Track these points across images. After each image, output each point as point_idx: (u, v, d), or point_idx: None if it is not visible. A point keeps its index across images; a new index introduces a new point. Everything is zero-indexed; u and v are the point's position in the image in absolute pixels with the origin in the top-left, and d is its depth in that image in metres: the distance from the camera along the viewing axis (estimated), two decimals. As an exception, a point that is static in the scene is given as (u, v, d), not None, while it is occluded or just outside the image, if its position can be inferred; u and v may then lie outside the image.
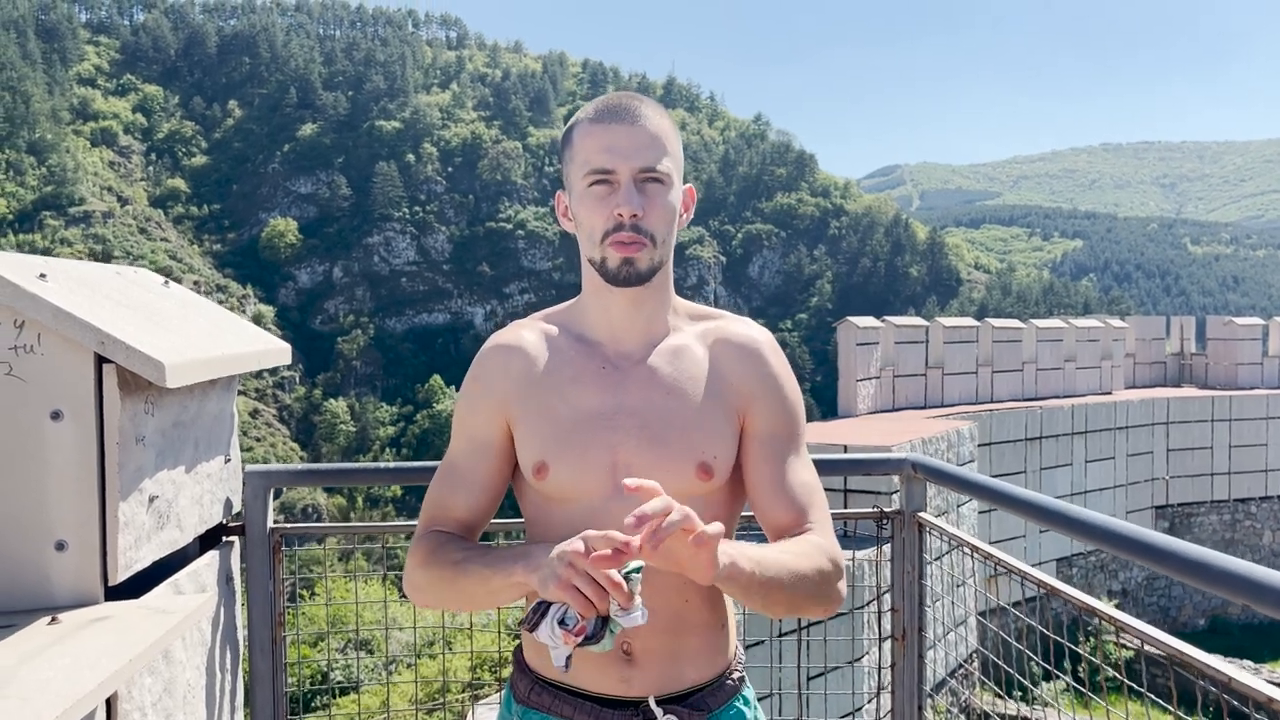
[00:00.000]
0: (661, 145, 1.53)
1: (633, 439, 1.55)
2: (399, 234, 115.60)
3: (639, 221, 1.51)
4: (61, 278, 1.76)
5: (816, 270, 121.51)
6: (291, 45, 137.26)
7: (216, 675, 2.16)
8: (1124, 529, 1.82)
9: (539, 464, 1.57)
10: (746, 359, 1.63)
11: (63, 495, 1.66)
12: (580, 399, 1.58)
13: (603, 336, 1.63)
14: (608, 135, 1.52)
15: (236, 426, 2.34)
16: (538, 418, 1.59)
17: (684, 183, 1.61)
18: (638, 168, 1.51)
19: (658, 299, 1.62)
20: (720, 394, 1.60)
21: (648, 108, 1.56)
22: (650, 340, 1.62)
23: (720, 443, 1.57)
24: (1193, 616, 19.60)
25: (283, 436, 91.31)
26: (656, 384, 1.59)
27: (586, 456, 1.55)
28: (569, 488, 1.56)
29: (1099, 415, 17.78)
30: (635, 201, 1.50)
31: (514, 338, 1.67)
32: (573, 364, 1.62)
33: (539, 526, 1.63)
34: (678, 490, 1.52)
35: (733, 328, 1.66)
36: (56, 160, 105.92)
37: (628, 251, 1.52)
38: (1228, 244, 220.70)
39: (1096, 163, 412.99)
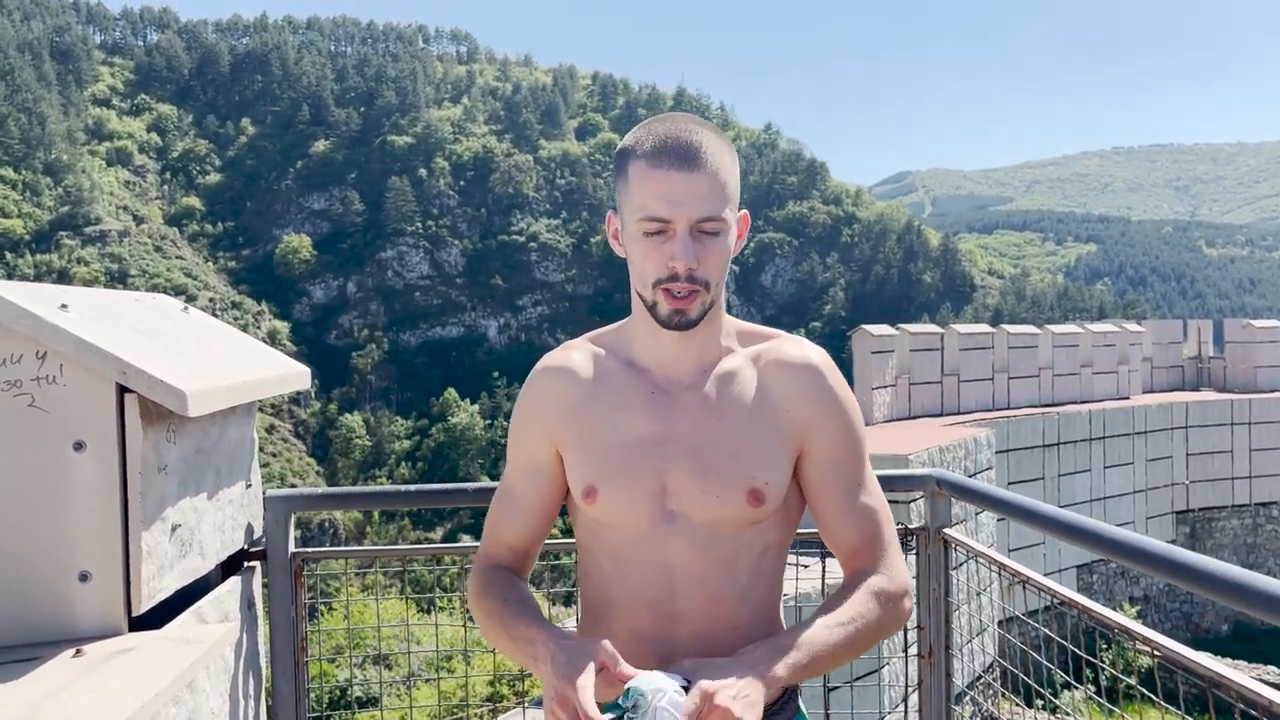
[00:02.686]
0: (720, 191, 1.48)
1: (682, 465, 1.53)
2: (412, 248, 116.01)
3: (694, 272, 1.47)
4: (83, 308, 1.76)
5: (829, 278, 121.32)
6: (303, 62, 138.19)
7: (240, 701, 2.15)
8: (1163, 551, 1.79)
9: (588, 488, 1.56)
10: (800, 381, 1.58)
11: (86, 526, 1.66)
12: (629, 425, 1.57)
13: (651, 363, 1.60)
14: (666, 183, 1.46)
15: (256, 451, 2.34)
16: (586, 442, 1.58)
17: (741, 207, 1.57)
18: (695, 218, 1.46)
19: (709, 330, 1.58)
20: (772, 419, 1.56)
21: (708, 144, 1.48)
22: (700, 366, 1.59)
23: (771, 469, 1.54)
24: (1215, 623, 19.41)
25: (299, 452, 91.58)
26: (706, 410, 1.56)
27: (635, 483, 1.54)
28: (617, 513, 1.55)
29: (1117, 420, 17.66)
30: (690, 255, 1.46)
31: (563, 360, 1.66)
32: (621, 389, 1.60)
33: (589, 551, 1.63)
34: (727, 518, 1.52)
35: (785, 349, 1.61)
36: (72, 180, 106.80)
37: (680, 303, 1.49)
38: (1243, 246, 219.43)
39: (1109, 166, 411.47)
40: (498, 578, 1.63)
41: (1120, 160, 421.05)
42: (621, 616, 1.57)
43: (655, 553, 1.54)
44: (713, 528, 1.53)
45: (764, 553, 1.57)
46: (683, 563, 1.53)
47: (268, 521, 2.40)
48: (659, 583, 1.54)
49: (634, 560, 1.55)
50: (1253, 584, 1.56)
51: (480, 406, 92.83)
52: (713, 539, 1.53)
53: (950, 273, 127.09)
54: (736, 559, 1.54)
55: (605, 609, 1.59)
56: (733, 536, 1.54)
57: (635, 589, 1.55)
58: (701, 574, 1.53)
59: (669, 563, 1.53)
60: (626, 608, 1.56)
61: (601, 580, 1.60)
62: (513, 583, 1.62)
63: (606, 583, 1.59)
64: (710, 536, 1.53)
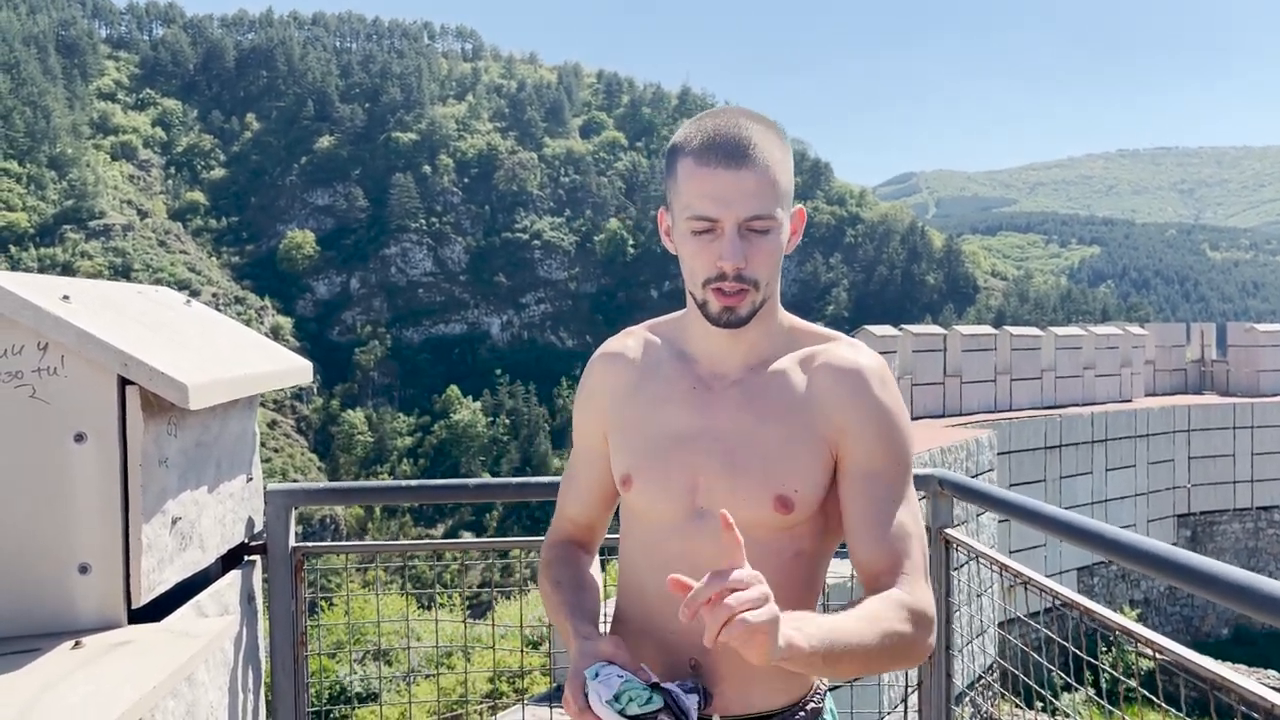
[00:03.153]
0: (770, 187, 1.45)
1: (714, 463, 1.52)
2: (415, 245, 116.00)
3: (742, 271, 1.46)
4: (85, 299, 1.75)
5: (833, 278, 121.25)
6: (308, 58, 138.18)
7: (239, 695, 2.15)
8: (1166, 553, 1.79)
9: (625, 476, 1.60)
10: (845, 387, 1.53)
11: (86, 518, 1.66)
12: (668, 417, 1.57)
13: (700, 355, 1.60)
14: (713, 182, 1.43)
15: (258, 445, 2.34)
16: (629, 430, 1.61)
17: (796, 203, 1.54)
18: (743, 217, 1.44)
19: (760, 326, 1.55)
20: (812, 424, 1.52)
21: (757, 140, 1.45)
22: (748, 363, 1.57)
23: (804, 476, 1.50)
24: (1216, 626, 19.39)
25: (300, 448, 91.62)
26: (745, 408, 1.54)
27: (669, 476, 1.55)
28: (649, 504, 1.57)
29: (1119, 423, 17.63)
30: (739, 254, 1.44)
31: (618, 346, 1.69)
32: (668, 379, 1.60)
33: (626, 537, 1.67)
34: (754, 520, 1.49)
35: (838, 352, 1.56)
36: (77, 174, 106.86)
37: (729, 301, 1.48)
38: (1247, 249, 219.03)
39: (1113, 169, 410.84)
40: (558, 555, 1.72)
41: (1125, 163, 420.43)
42: (651, 607, 1.57)
43: (683, 547, 1.54)
44: (741, 526, 1.46)
45: (795, 558, 1.54)
46: (709, 559, 1.46)
47: (269, 515, 2.40)
48: (686, 574, 1.48)
49: (663, 552, 1.55)
50: (1256, 586, 1.56)
51: (482, 404, 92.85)
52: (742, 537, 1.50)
53: (953, 274, 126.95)
54: (764, 562, 1.47)
55: (637, 598, 1.61)
56: (761, 540, 1.49)
57: (660, 582, 1.50)
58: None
59: (696, 558, 1.50)
60: (656, 600, 1.55)
61: (634, 569, 1.62)
62: (569, 561, 1.71)
63: (639, 572, 1.61)
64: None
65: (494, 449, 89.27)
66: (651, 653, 1.56)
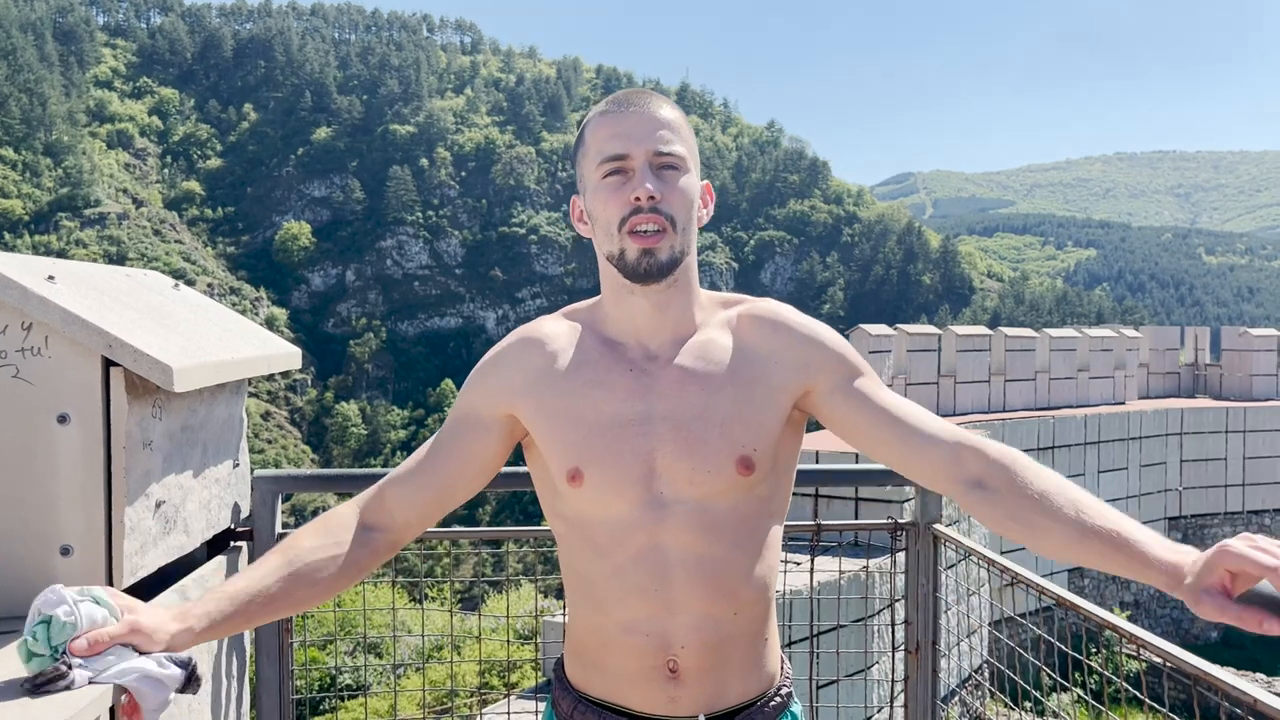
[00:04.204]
0: (676, 132, 1.49)
1: (668, 444, 1.47)
2: (412, 238, 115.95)
3: (657, 204, 1.44)
4: (70, 280, 1.74)
5: (829, 277, 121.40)
6: (307, 49, 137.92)
7: (223, 682, 2.14)
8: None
9: (573, 470, 1.49)
10: (778, 332, 1.55)
11: (69, 500, 1.64)
12: (610, 404, 1.50)
13: (628, 339, 1.54)
14: (620, 123, 1.47)
15: (245, 430, 2.32)
16: (566, 421, 1.51)
17: (703, 178, 1.56)
18: (652, 150, 1.46)
19: (683, 296, 1.53)
20: (758, 378, 1.52)
21: (658, 98, 1.52)
22: (677, 337, 1.53)
23: (760, 433, 1.49)
24: (1205, 629, 19.44)
25: (294, 439, 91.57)
26: (688, 382, 1.50)
27: (621, 464, 1.47)
28: (604, 499, 1.48)
29: (1112, 425, 17.67)
30: (652, 182, 1.44)
31: (535, 331, 1.61)
32: (598, 365, 1.54)
33: (572, 545, 1.56)
34: (719, 489, 1.47)
35: (757, 306, 1.59)
36: (72, 162, 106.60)
37: (647, 242, 1.45)
38: (1242, 254, 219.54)
39: (1111, 172, 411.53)
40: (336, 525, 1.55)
41: (1122, 166, 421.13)
42: (614, 610, 1.50)
43: (646, 539, 1.47)
44: (706, 504, 1.47)
45: (759, 526, 1.52)
46: (677, 546, 1.47)
47: (255, 501, 2.38)
48: (652, 571, 1.47)
49: (623, 549, 1.48)
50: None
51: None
52: (707, 517, 1.47)
53: (949, 274, 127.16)
54: (734, 534, 1.49)
55: (596, 604, 1.52)
56: (728, 510, 1.48)
57: (627, 580, 1.48)
58: (698, 556, 1.47)
59: (662, 548, 1.47)
60: (618, 601, 1.49)
61: (588, 574, 1.52)
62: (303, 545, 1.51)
63: (594, 576, 1.51)
64: (704, 515, 1.47)
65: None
66: (624, 660, 1.50)
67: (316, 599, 1.52)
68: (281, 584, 1.46)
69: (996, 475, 1.43)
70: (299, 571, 1.48)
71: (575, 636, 1.58)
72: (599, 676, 1.54)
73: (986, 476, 1.44)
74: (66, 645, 1.29)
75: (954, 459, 1.46)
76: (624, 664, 1.50)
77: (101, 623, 1.33)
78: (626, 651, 1.49)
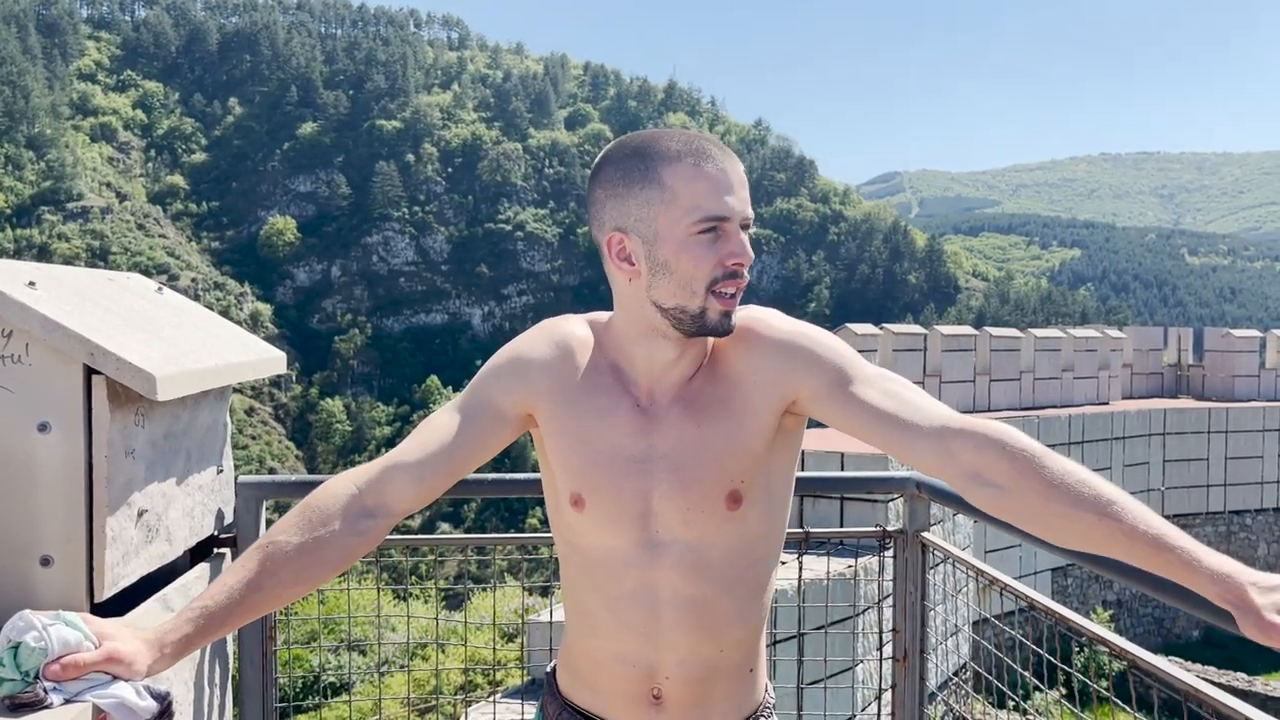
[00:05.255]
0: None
1: (665, 484, 1.48)
2: (398, 234, 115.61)
3: (741, 270, 1.44)
4: (51, 285, 1.72)
5: (815, 276, 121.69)
6: (293, 43, 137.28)
7: (205, 690, 2.12)
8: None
9: (575, 496, 1.50)
10: (749, 345, 1.51)
11: (49, 509, 1.62)
12: (615, 437, 1.50)
13: (640, 376, 1.52)
14: (722, 182, 1.42)
15: (229, 436, 2.30)
16: (572, 442, 1.52)
17: None
18: (745, 215, 1.44)
19: (702, 344, 1.53)
20: (744, 400, 1.50)
21: (731, 154, 1.48)
22: (684, 377, 1.52)
23: (748, 460, 1.48)
24: (1186, 628, 19.58)
25: (278, 435, 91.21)
26: (686, 420, 1.50)
27: (621, 500, 1.48)
28: (601, 530, 1.50)
29: (1096, 425, 17.77)
30: (746, 249, 1.44)
31: (565, 335, 1.57)
32: (609, 394, 1.52)
33: (572, 565, 1.58)
34: (712, 529, 1.48)
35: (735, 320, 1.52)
36: (55, 155, 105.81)
37: (730, 304, 1.44)
38: (1225, 255, 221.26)
39: (1095, 172, 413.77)
40: (293, 529, 1.48)
41: (1107, 166, 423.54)
42: (605, 637, 1.54)
43: (639, 577, 1.50)
44: (698, 546, 1.49)
45: (750, 565, 1.53)
46: (668, 586, 1.50)
47: (239, 508, 2.36)
48: (644, 609, 1.50)
49: (618, 584, 1.51)
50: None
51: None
52: (700, 559, 1.49)
53: (935, 274, 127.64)
54: (725, 577, 1.51)
55: (591, 630, 1.56)
56: (720, 553, 1.49)
57: (620, 615, 1.51)
58: (688, 597, 1.50)
59: (654, 588, 1.49)
60: (610, 630, 1.53)
61: (585, 602, 1.56)
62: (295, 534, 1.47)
63: (590, 606, 1.55)
64: (697, 557, 1.49)
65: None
66: (612, 684, 1.55)
67: (301, 594, 1.50)
68: (261, 591, 1.43)
69: (996, 467, 1.35)
70: (281, 573, 1.44)
71: (569, 652, 1.63)
72: (588, 693, 1.59)
73: (984, 469, 1.36)
74: (41, 669, 1.27)
75: (943, 453, 1.39)
76: (612, 687, 1.55)
77: (75, 645, 1.31)
78: (615, 678, 1.54)
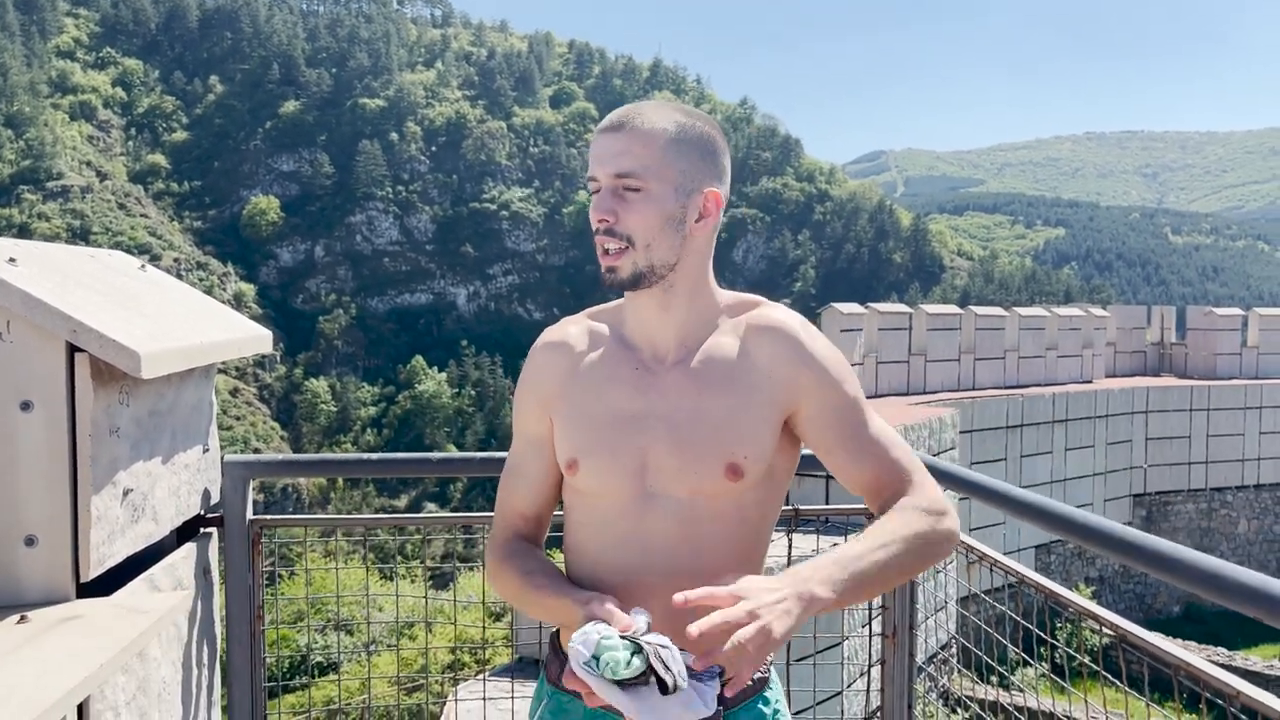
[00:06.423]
0: (643, 151, 1.54)
1: (661, 443, 1.57)
2: (382, 213, 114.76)
3: (612, 226, 1.54)
4: (32, 262, 1.69)
5: (800, 255, 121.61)
6: (274, 21, 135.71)
7: (193, 670, 2.11)
8: (1129, 536, 1.80)
9: (570, 460, 1.61)
10: (777, 344, 1.60)
11: (32, 489, 1.61)
12: (614, 399, 1.61)
13: (639, 339, 1.64)
14: (595, 144, 1.58)
15: (215, 415, 2.28)
16: (573, 414, 1.63)
17: (709, 186, 1.59)
18: (612, 173, 1.54)
19: (685, 302, 1.61)
20: (756, 387, 1.58)
21: (647, 115, 1.57)
22: (684, 341, 1.62)
23: (752, 441, 1.56)
24: (1167, 604, 19.79)
25: (263, 415, 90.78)
26: (688, 385, 1.59)
27: (616, 457, 1.58)
28: (598, 485, 1.60)
29: (1079, 404, 17.87)
30: (605, 208, 1.54)
31: (559, 335, 1.72)
32: (610, 363, 1.64)
33: (571, 522, 1.68)
34: (705, 491, 1.55)
35: (764, 314, 1.64)
36: (34, 134, 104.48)
37: (608, 260, 1.56)
38: (1208, 234, 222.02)
39: (1080, 151, 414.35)
40: (515, 550, 1.67)
41: (1091, 145, 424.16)
42: (595, 584, 1.60)
43: (631, 526, 1.57)
44: (690, 502, 1.56)
45: (743, 528, 1.59)
46: (657, 535, 1.56)
47: (225, 487, 2.35)
48: (633, 556, 1.57)
49: (611, 533, 1.59)
50: (1217, 571, 1.57)
51: (448, 375, 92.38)
52: (690, 514, 1.56)
53: (920, 253, 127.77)
54: (714, 533, 1.57)
55: (585, 578, 1.63)
56: (710, 511, 1.56)
57: (611, 561, 1.59)
58: (675, 548, 1.56)
59: (644, 536, 1.57)
60: (602, 580, 1.59)
61: (582, 553, 1.64)
62: (531, 553, 1.67)
63: (587, 556, 1.63)
64: (688, 511, 1.56)
65: (459, 420, 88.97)
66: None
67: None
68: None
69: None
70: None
71: None
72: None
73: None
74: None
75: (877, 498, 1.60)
76: None
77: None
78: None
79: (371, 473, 2.59)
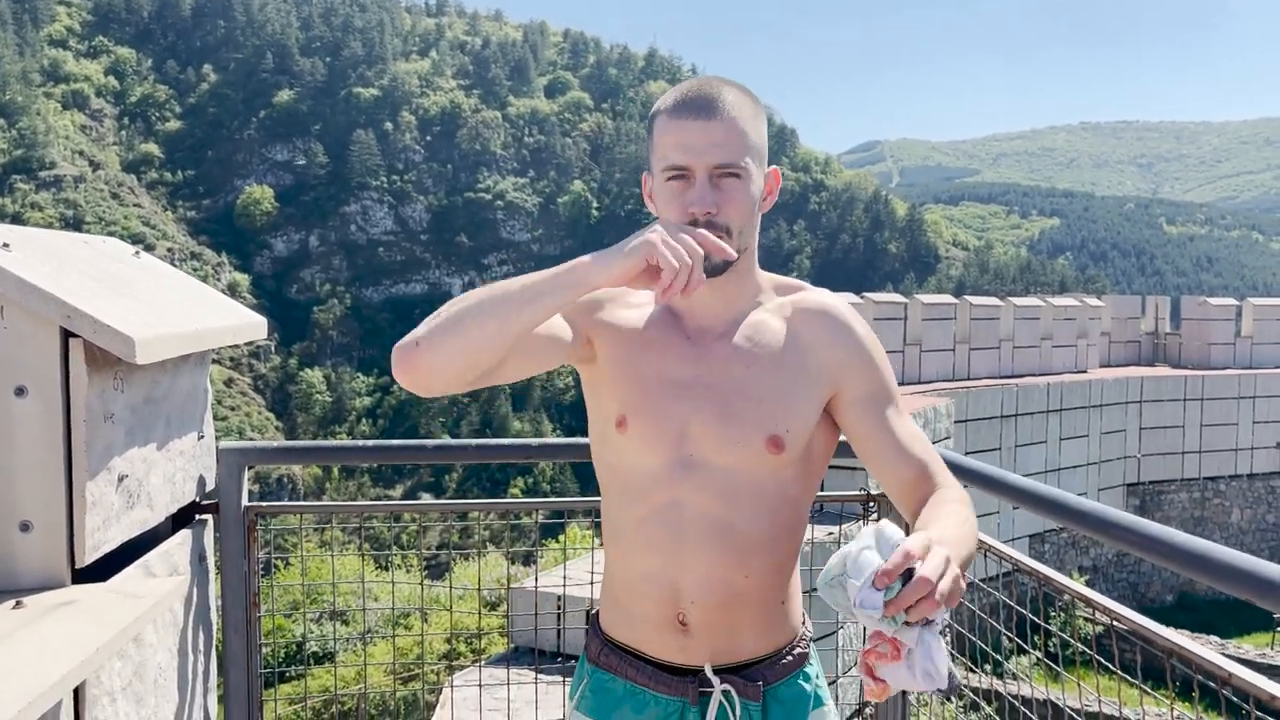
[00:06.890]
0: (739, 138, 1.53)
1: (704, 412, 1.58)
2: (376, 203, 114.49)
3: (713, 218, 1.52)
4: (26, 247, 1.69)
5: (796, 245, 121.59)
6: (267, 9, 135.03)
7: (189, 656, 2.11)
8: (1130, 523, 1.81)
9: (620, 418, 1.61)
10: (826, 327, 1.63)
11: (27, 474, 1.60)
12: (662, 365, 1.62)
13: (686, 312, 1.65)
14: (685, 133, 1.53)
15: (210, 401, 2.28)
16: (623, 368, 1.63)
17: (769, 165, 1.62)
18: (712, 164, 1.52)
19: (738, 280, 1.62)
20: (801, 366, 1.60)
21: (727, 96, 1.54)
22: (730, 317, 1.63)
23: (795, 416, 1.58)
24: (1161, 593, 19.87)
25: (258, 406, 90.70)
26: (734, 358, 1.60)
27: (661, 422, 1.59)
28: (644, 447, 1.60)
29: (1074, 393, 17.90)
30: (708, 200, 1.52)
31: (629, 292, 1.69)
32: (659, 327, 1.65)
33: (610, 494, 1.68)
34: (746, 463, 1.57)
35: (811, 297, 1.67)
36: (27, 123, 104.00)
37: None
38: (1203, 224, 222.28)
39: (1075, 141, 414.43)
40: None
41: (1086, 135, 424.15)
42: (635, 557, 1.62)
43: (668, 495, 1.58)
44: (729, 473, 1.57)
45: (782, 503, 1.61)
46: (694, 504, 1.57)
47: (220, 474, 2.35)
48: (670, 526, 1.58)
49: (648, 501, 1.60)
50: (1209, 553, 1.58)
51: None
52: (728, 484, 1.57)
53: (915, 243, 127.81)
54: (752, 506, 1.58)
55: (623, 550, 1.65)
56: (749, 483, 1.57)
57: (648, 531, 1.60)
58: (711, 517, 1.57)
59: (681, 505, 1.57)
60: (639, 549, 1.61)
61: (618, 520, 1.65)
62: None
63: (622, 523, 1.64)
64: (726, 481, 1.57)
65: (454, 411, 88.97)
66: (641, 606, 1.62)
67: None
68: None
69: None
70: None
71: (608, 578, 1.72)
72: (623, 622, 1.66)
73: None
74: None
75: (908, 490, 1.57)
76: (641, 609, 1.62)
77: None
78: (643, 598, 1.61)
79: (367, 459, 2.59)
